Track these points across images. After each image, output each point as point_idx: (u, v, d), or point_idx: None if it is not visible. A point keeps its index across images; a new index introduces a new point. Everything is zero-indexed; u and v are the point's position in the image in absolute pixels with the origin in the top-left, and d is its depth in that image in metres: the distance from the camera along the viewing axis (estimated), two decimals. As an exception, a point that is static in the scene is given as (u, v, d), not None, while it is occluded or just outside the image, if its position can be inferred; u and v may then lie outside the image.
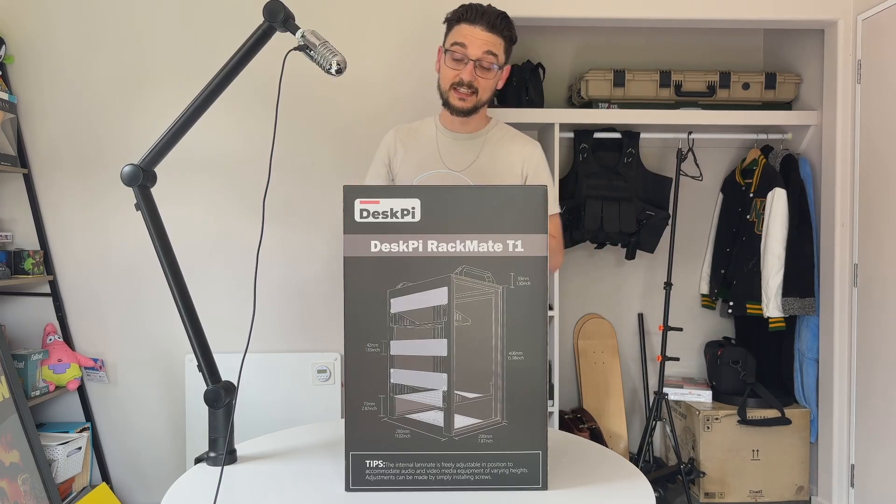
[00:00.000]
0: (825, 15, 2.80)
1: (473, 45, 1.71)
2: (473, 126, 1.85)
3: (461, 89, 1.73)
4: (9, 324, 2.69)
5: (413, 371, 1.20)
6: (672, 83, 3.01)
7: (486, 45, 1.71)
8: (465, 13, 1.73)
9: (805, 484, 3.05)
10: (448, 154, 1.83)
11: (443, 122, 1.87)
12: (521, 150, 1.86)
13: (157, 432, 2.77)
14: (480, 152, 1.84)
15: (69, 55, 2.68)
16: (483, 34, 1.71)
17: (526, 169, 1.85)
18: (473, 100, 1.75)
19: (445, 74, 1.76)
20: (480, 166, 1.82)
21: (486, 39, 1.71)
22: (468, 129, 1.85)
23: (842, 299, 2.83)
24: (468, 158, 1.83)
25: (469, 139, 1.85)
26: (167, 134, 1.44)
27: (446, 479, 1.20)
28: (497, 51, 1.73)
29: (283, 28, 1.47)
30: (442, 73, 1.78)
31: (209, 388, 1.37)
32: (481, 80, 1.74)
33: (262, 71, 1.90)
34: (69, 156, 2.69)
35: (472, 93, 1.74)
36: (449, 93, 1.76)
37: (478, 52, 1.71)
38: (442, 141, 1.85)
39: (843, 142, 2.83)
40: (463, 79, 1.72)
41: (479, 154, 1.84)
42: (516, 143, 1.87)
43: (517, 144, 1.87)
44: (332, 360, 2.73)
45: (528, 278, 1.20)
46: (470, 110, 1.77)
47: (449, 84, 1.75)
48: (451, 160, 1.83)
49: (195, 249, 2.68)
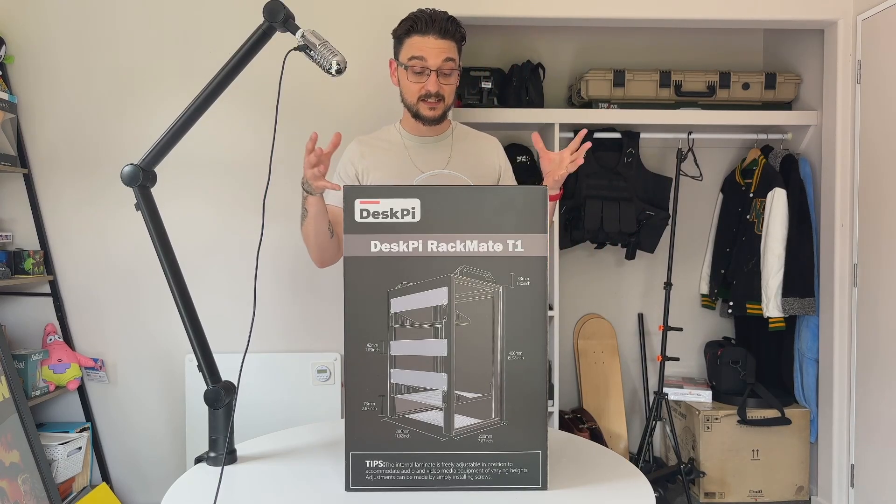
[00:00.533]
0: (825, 15, 2.80)
1: (431, 56, 1.71)
2: (439, 128, 1.86)
3: (429, 100, 1.75)
4: (9, 324, 2.69)
5: (413, 371, 1.20)
6: (672, 83, 3.02)
7: (443, 52, 1.72)
8: (414, 25, 1.73)
9: (805, 484, 3.05)
10: (420, 158, 1.84)
11: (406, 129, 1.88)
12: (487, 145, 1.92)
13: (157, 432, 2.77)
14: (451, 152, 1.86)
15: (69, 55, 2.68)
16: (437, 42, 1.71)
17: (499, 162, 1.91)
18: (442, 106, 1.78)
19: (410, 88, 1.77)
20: (456, 164, 1.83)
21: (441, 47, 1.71)
22: (434, 132, 1.86)
23: (842, 299, 2.83)
24: (442, 159, 1.84)
25: (436, 141, 1.87)
26: (167, 134, 1.44)
27: (446, 479, 1.20)
28: (453, 55, 1.74)
29: (283, 28, 1.47)
30: (405, 87, 1.78)
31: (209, 388, 1.38)
32: (445, 87, 1.76)
33: (262, 71, 1.90)
34: (69, 156, 2.69)
35: (440, 100, 1.76)
36: (418, 105, 1.77)
37: (437, 61, 1.71)
38: (410, 147, 1.86)
39: (842, 142, 2.83)
40: (430, 90, 1.74)
41: (450, 154, 1.85)
42: (482, 138, 1.94)
43: (483, 140, 1.93)
44: (332, 360, 2.73)
45: (528, 278, 1.20)
46: (441, 117, 1.80)
47: (416, 97, 1.76)
48: (424, 164, 1.83)
49: (195, 249, 2.68)
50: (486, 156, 1.89)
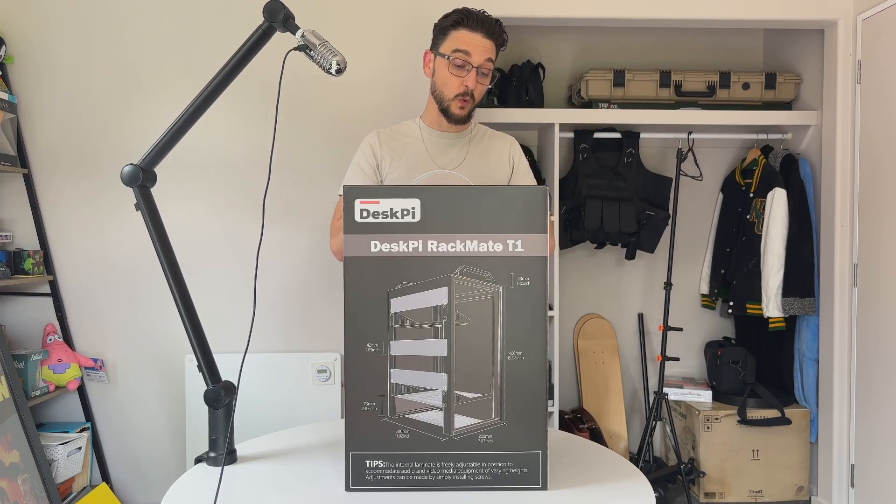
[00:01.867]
0: (825, 15, 2.80)
1: (476, 53, 1.72)
2: (460, 126, 1.87)
3: (465, 97, 1.75)
4: (9, 324, 2.69)
5: (413, 371, 1.20)
6: (672, 83, 3.02)
7: (487, 52, 1.74)
8: (464, 19, 1.73)
9: (805, 484, 3.05)
10: (438, 153, 1.85)
11: (426, 123, 1.88)
12: (504, 143, 1.93)
13: (157, 432, 2.77)
14: (469, 149, 1.87)
15: (69, 55, 2.68)
16: (484, 41, 1.73)
17: (513, 158, 1.91)
18: (471, 106, 1.79)
19: (449, 82, 1.76)
20: (472, 162, 1.85)
21: (486, 46, 1.73)
22: (455, 128, 1.87)
23: (842, 299, 2.83)
24: (459, 156, 1.85)
25: (456, 137, 1.88)
26: (167, 134, 1.44)
27: (446, 479, 1.20)
28: (493, 57, 1.76)
29: (283, 28, 1.47)
30: (443, 79, 1.77)
31: (209, 388, 1.38)
32: (480, 87, 1.78)
33: (262, 71, 1.90)
34: (69, 156, 2.69)
35: (471, 99, 1.77)
36: (452, 101, 1.77)
37: (480, 59, 1.73)
38: (429, 141, 1.86)
39: (842, 142, 2.83)
40: (468, 86, 1.74)
41: (468, 151, 1.86)
42: (498, 137, 1.94)
43: (498, 139, 1.94)
44: (332, 360, 2.73)
45: (528, 278, 1.20)
46: (468, 117, 1.82)
47: (454, 93, 1.76)
48: (441, 159, 1.84)
49: (195, 249, 2.68)
50: (501, 156, 1.90)
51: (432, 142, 1.86)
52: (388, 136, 1.88)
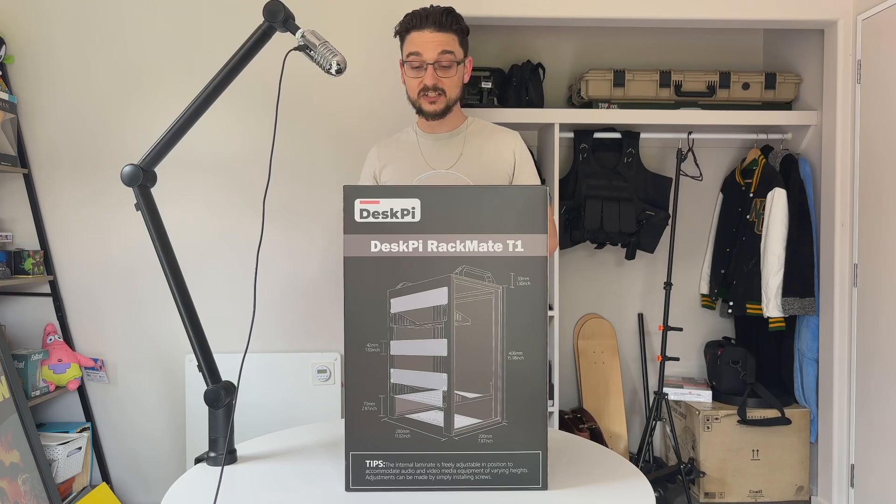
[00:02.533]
0: (825, 15, 2.80)
1: (427, 50, 1.74)
2: (451, 124, 1.88)
3: (429, 94, 1.77)
4: (9, 324, 2.69)
5: (413, 371, 1.20)
6: (672, 83, 3.01)
7: (440, 45, 1.74)
8: (410, 22, 1.77)
9: (805, 484, 3.05)
10: (432, 155, 1.85)
11: (421, 128, 1.91)
12: (504, 138, 1.90)
13: (157, 432, 2.77)
14: (464, 147, 1.86)
15: (69, 55, 2.68)
16: (433, 36, 1.74)
17: (515, 154, 1.88)
18: (443, 100, 1.79)
19: (410, 85, 1.80)
20: (467, 160, 1.84)
21: (437, 40, 1.74)
22: (446, 128, 1.88)
23: (842, 299, 2.83)
24: (453, 155, 1.85)
25: (449, 137, 1.88)
26: (167, 134, 1.44)
27: (446, 479, 1.20)
28: (451, 47, 1.76)
29: (283, 28, 1.47)
30: (407, 84, 1.82)
31: (209, 388, 1.38)
32: (445, 80, 1.77)
33: (262, 71, 1.90)
34: (69, 156, 2.69)
35: (440, 94, 1.77)
36: (419, 100, 1.80)
37: (433, 54, 1.74)
38: (424, 145, 1.88)
39: (842, 142, 2.83)
40: (426, 84, 1.76)
41: (462, 149, 1.86)
42: (498, 132, 1.92)
43: (499, 133, 1.92)
44: (332, 360, 2.73)
45: (528, 278, 1.20)
46: (443, 111, 1.81)
47: (416, 92, 1.79)
48: (436, 161, 1.85)
49: (195, 249, 2.68)
50: (499, 150, 1.88)
51: (426, 145, 1.88)
52: (386, 145, 1.93)
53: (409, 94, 1.83)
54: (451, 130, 1.88)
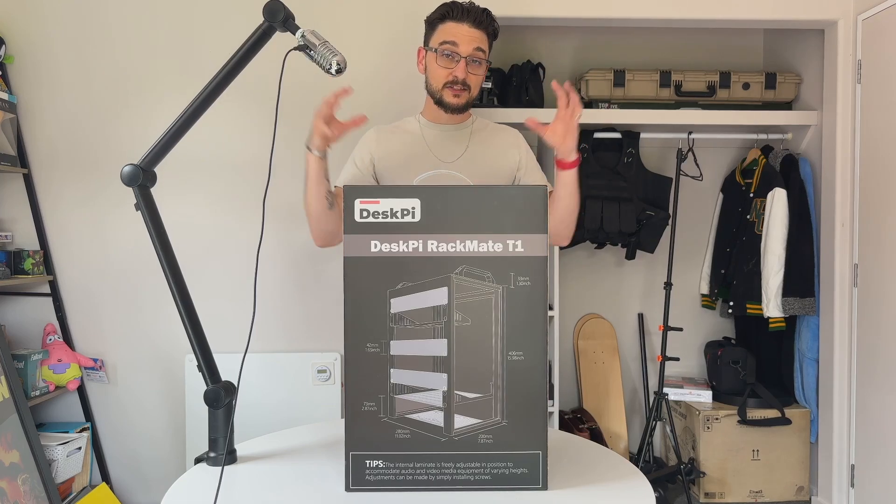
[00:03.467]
0: (825, 15, 2.80)
1: (464, 43, 1.73)
2: (459, 118, 1.87)
3: (455, 87, 1.76)
4: (9, 324, 2.69)
5: (413, 371, 1.20)
6: (672, 83, 3.01)
7: (475, 41, 1.75)
8: (450, 11, 1.75)
9: (805, 484, 3.05)
10: (437, 145, 1.84)
11: (426, 117, 1.89)
12: (508, 136, 1.91)
13: (157, 432, 2.77)
14: (470, 141, 1.86)
15: (69, 55, 2.68)
16: (471, 31, 1.74)
17: (521, 153, 1.89)
18: (466, 96, 1.79)
19: (437, 73, 1.78)
20: (473, 154, 1.84)
21: (474, 36, 1.74)
22: (454, 120, 1.86)
23: (842, 299, 2.83)
24: (459, 148, 1.84)
25: (456, 130, 1.87)
26: (167, 134, 1.44)
27: (446, 479, 1.20)
28: (484, 46, 1.77)
29: (283, 28, 1.47)
30: (432, 72, 1.79)
31: (209, 388, 1.37)
32: (473, 77, 1.77)
33: (262, 71, 1.90)
34: (69, 156, 2.69)
35: (465, 89, 1.77)
36: (443, 91, 1.78)
37: (468, 48, 1.74)
38: (428, 134, 1.86)
39: (843, 142, 2.83)
40: (457, 77, 1.75)
41: (468, 142, 1.85)
42: (501, 130, 1.93)
43: (503, 131, 1.92)
44: (332, 360, 2.73)
45: (528, 278, 1.20)
46: (464, 106, 1.81)
47: (442, 83, 1.77)
48: (441, 151, 1.83)
49: (195, 249, 2.68)
50: (505, 149, 1.88)
51: (432, 135, 1.85)
52: (388, 131, 1.89)
53: (431, 82, 1.80)
54: (459, 123, 1.87)
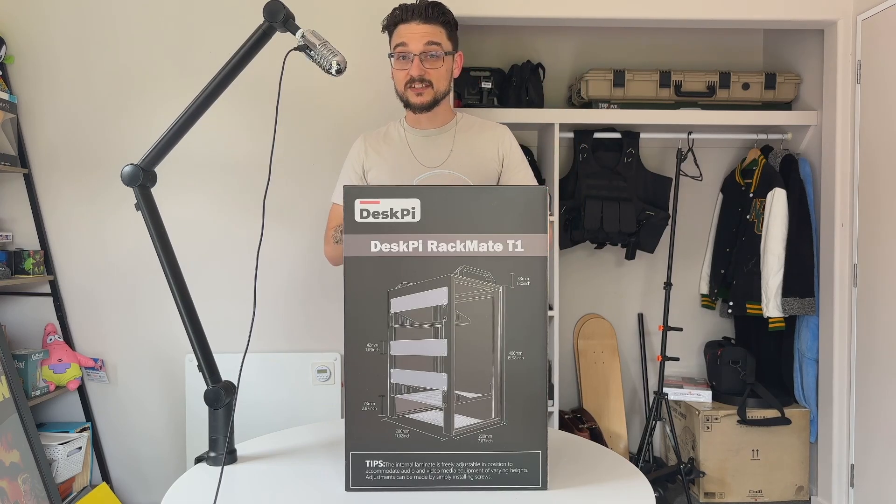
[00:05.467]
0: (825, 15, 2.80)
1: (413, 41, 1.73)
2: (440, 120, 1.86)
3: (415, 85, 1.76)
4: (9, 324, 2.69)
5: (413, 371, 1.20)
6: (672, 83, 3.02)
7: (426, 36, 1.73)
8: (397, 15, 1.76)
9: (805, 484, 3.05)
10: (421, 151, 1.84)
11: (409, 123, 1.89)
12: (492, 135, 1.88)
13: (157, 432, 2.77)
14: (453, 144, 1.85)
15: (69, 55, 2.68)
16: (419, 27, 1.74)
17: (501, 150, 1.87)
18: (430, 92, 1.77)
19: (397, 77, 1.79)
20: (457, 158, 1.83)
21: (423, 32, 1.73)
22: (435, 123, 1.86)
23: (842, 299, 2.83)
24: (442, 153, 1.84)
25: (438, 134, 1.86)
26: (167, 134, 1.44)
27: (446, 479, 1.20)
28: (438, 39, 1.75)
29: (283, 28, 1.47)
30: (394, 77, 1.80)
31: (209, 388, 1.37)
32: (431, 72, 1.76)
33: (263, 71, 1.90)
34: (69, 156, 2.69)
35: (427, 86, 1.76)
36: (406, 93, 1.78)
37: (419, 45, 1.73)
38: (412, 140, 1.86)
39: (842, 142, 2.83)
40: (413, 75, 1.75)
41: (452, 146, 1.85)
42: (486, 129, 1.90)
43: (487, 130, 1.90)
44: (332, 360, 2.73)
45: (528, 278, 1.20)
46: (430, 103, 1.79)
47: (403, 85, 1.78)
48: (425, 157, 1.83)
49: (195, 249, 2.68)
50: (487, 146, 1.86)
51: (415, 141, 1.86)
52: (374, 138, 1.90)
53: (396, 87, 1.81)
54: (441, 126, 1.86)
